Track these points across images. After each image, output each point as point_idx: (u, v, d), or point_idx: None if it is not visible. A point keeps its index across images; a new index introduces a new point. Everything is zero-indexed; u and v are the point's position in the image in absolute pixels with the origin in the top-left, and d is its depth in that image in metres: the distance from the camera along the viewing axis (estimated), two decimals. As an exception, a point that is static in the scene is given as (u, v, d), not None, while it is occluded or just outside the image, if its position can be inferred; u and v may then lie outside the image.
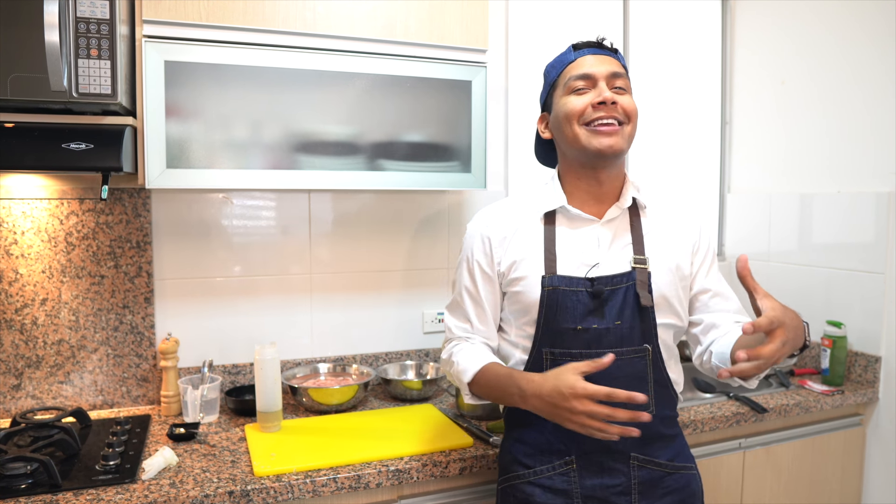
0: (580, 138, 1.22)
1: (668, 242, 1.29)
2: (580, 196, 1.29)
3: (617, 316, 1.22)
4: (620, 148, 1.22)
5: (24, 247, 1.70)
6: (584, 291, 1.22)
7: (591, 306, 1.22)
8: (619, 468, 1.24)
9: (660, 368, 1.25)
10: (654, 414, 1.22)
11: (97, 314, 1.76)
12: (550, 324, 1.23)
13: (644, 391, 1.22)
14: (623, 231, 1.28)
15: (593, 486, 1.24)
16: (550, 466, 1.25)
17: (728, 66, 2.57)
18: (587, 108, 1.22)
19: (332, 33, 1.61)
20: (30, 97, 1.31)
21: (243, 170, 1.56)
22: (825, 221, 2.16)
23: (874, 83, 2.01)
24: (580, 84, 1.24)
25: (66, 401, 1.76)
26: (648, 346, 1.23)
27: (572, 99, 1.24)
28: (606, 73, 1.23)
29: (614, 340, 1.22)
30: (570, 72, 1.26)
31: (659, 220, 1.31)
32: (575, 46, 1.28)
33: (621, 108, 1.22)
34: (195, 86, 1.50)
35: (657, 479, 1.25)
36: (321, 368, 1.96)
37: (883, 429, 2.01)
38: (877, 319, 2.00)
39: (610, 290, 1.22)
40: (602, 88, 1.22)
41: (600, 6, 2.37)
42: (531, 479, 1.26)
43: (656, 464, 1.26)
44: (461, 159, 1.75)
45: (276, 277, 1.95)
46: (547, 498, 1.24)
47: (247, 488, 1.31)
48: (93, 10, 1.33)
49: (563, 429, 1.18)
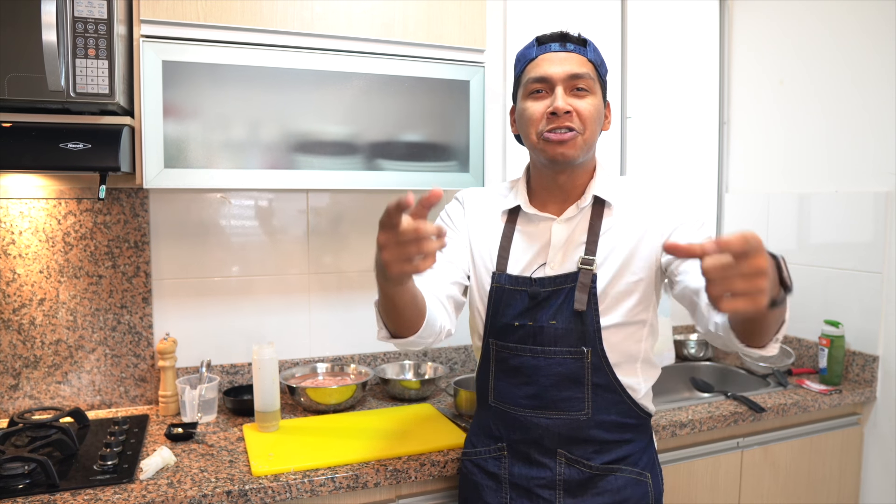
0: (536, 147, 1.24)
1: (629, 240, 1.23)
2: (542, 194, 1.30)
3: (552, 316, 1.23)
4: (573, 157, 1.20)
5: (21, 247, 1.69)
6: (525, 291, 1.25)
7: (528, 305, 1.25)
8: (545, 462, 1.27)
9: (603, 372, 1.23)
10: (590, 417, 1.24)
11: (95, 314, 1.76)
12: (494, 318, 1.29)
13: (578, 393, 1.23)
14: (580, 230, 1.26)
15: (520, 474, 1.28)
16: (487, 450, 1.33)
17: (726, 66, 2.57)
18: (542, 117, 1.20)
19: (330, 33, 1.61)
20: (27, 97, 1.31)
21: (241, 169, 1.56)
22: (823, 221, 2.16)
23: (872, 83, 2.01)
24: (538, 86, 1.21)
25: (63, 401, 1.76)
26: (586, 349, 1.22)
27: (529, 104, 1.23)
28: (565, 75, 1.19)
29: (549, 339, 1.23)
30: (529, 71, 1.23)
31: (626, 216, 1.25)
32: (539, 40, 1.24)
33: (576, 117, 1.19)
34: (193, 86, 1.50)
35: (586, 479, 1.25)
36: (319, 368, 1.96)
37: (881, 428, 2.01)
38: (874, 319, 2.00)
39: (550, 291, 1.24)
40: (557, 95, 1.18)
41: (598, 6, 2.37)
42: (472, 458, 1.36)
43: (586, 465, 1.25)
44: (459, 159, 1.75)
45: (275, 277, 1.95)
46: (481, 478, 1.33)
47: (245, 488, 1.31)
48: (90, 9, 1.33)
49: (500, 416, 1.29)
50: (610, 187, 1.28)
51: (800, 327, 2.23)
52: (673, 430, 1.69)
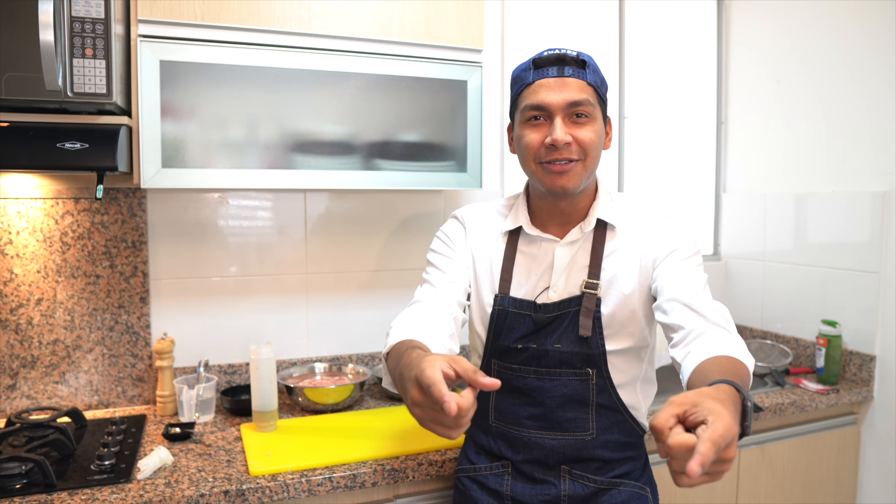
0: (535, 175, 1.21)
1: (634, 261, 1.22)
2: (543, 215, 1.28)
3: (557, 340, 1.22)
4: (574, 187, 1.18)
5: (19, 247, 1.69)
6: (529, 316, 1.24)
7: (532, 329, 1.24)
8: (549, 479, 1.26)
9: (607, 393, 1.23)
10: (594, 437, 1.24)
11: (93, 314, 1.76)
12: (496, 340, 1.28)
13: (583, 414, 1.23)
14: (583, 252, 1.24)
15: (523, 492, 1.27)
16: (487, 466, 1.32)
17: (724, 66, 2.57)
18: (541, 147, 1.18)
19: (327, 33, 1.61)
20: (24, 97, 1.31)
21: (239, 169, 1.56)
22: (820, 221, 2.17)
23: (869, 83, 2.02)
24: (535, 113, 1.18)
25: (61, 401, 1.75)
26: (591, 371, 1.21)
27: (527, 132, 1.19)
28: (563, 103, 1.15)
29: (554, 362, 1.23)
30: (526, 97, 1.19)
31: (629, 238, 1.24)
32: (535, 63, 1.19)
33: (576, 147, 1.16)
34: (190, 85, 1.50)
35: (590, 493, 1.26)
36: (317, 368, 1.96)
37: (878, 427, 2.01)
38: (871, 318, 2.01)
39: (554, 316, 1.23)
40: (556, 126, 1.15)
41: (596, 6, 2.37)
42: (470, 475, 1.34)
43: (590, 479, 1.26)
44: (457, 159, 1.75)
45: (272, 277, 1.95)
46: (481, 494, 1.32)
47: (242, 488, 1.31)
48: (88, 9, 1.33)
49: (502, 435, 1.28)
50: (612, 209, 1.26)
51: (797, 327, 2.23)
52: (670, 429, 1.69)
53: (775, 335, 2.32)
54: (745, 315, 2.45)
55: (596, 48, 2.39)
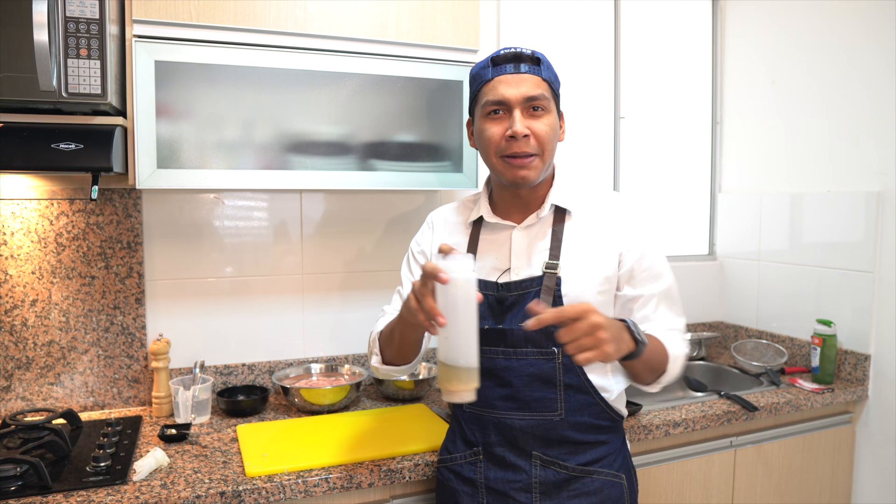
0: (497, 168, 1.28)
1: (591, 246, 1.28)
2: (505, 205, 1.35)
3: (521, 318, 1.24)
4: (534, 178, 1.25)
5: (13, 248, 1.69)
6: (492, 296, 1.29)
7: (496, 309, 1.28)
8: (520, 465, 1.28)
9: (574, 373, 1.26)
10: (563, 418, 1.26)
11: (88, 315, 1.76)
12: None
13: (550, 393, 1.26)
14: (542, 236, 1.30)
15: (496, 478, 1.30)
16: (462, 455, 1.35)
17: (719, 66, 2.58)
18: (501, 140, 1.24)
19: (323, 33, 1.61)
20: (19, 97, 1.31)
21: (234, 170, 1.55)
22: (815, 221, 2.18)
23: (865, 83, 2.02)
24: (496, 108, 1.24)
25: (56, 402, 1.75)
26: (556, 349, 1.24)
27: (489, 126, 1.25)
28: (521, 97, 1.22)
29: (518, 340, 1.26)
30: (486, 93, 1.25)
31: (586, 223, 1.30)
32: (493, 61, 1.26)
33: (533, 141, 1.22)
34: (186, 86, 1.50)
35: (562, 480, 1.27)
36: (313, 369, 1.96)
37: (872, 426, 2.02)
38: (866, 318, 2.01)
39: (516, 295, 1.27)
40: (515, 119, 1.22)
41: (591, 6, 2.38)
42: (447, 465, 1.38)
43: (561, 465, 1.27)
44: (452, 159, 1.76)
45: (268, 278, 1.95)
46: (458, 484, 1.35)
47: (238, 489, 1.30)
48: (82, 9, 1.32)
49: (475, 419, 1.32)
50: (569, 195, 1.32)
51: (792, 326, 2.24)
52: (666, 429, 1.69)
53: (770, 335, 2.32)
54: (740, 315, 2.46)
55: (591, 48, 2.39)
